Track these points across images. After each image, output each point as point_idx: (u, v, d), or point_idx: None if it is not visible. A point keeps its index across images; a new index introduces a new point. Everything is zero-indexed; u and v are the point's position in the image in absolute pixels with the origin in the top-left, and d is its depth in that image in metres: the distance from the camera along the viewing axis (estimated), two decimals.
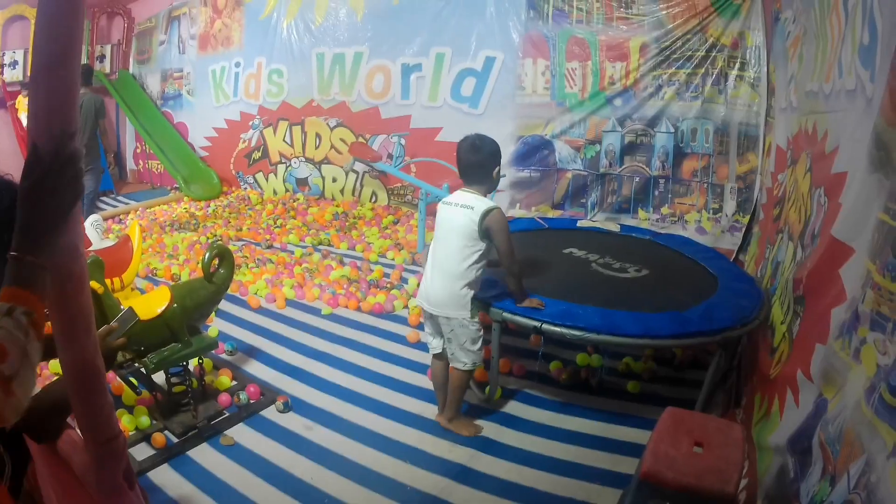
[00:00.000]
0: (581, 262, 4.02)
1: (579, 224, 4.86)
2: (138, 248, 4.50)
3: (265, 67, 8.34)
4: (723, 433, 2.19)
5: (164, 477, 3.03)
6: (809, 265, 2.52)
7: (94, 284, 2.73)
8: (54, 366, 3.73)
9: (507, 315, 3.21)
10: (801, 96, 3.47)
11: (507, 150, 6.10)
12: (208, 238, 6.65)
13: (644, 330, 3.05)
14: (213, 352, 3.81)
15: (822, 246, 2.40)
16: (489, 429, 3.44)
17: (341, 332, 4.55)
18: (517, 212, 6.21)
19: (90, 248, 5.02)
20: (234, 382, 3.82)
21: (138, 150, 10.33)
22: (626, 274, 3.84)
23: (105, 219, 7.65)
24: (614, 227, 4.72)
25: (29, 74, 8.11)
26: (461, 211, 3.03)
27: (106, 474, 1.48)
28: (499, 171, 3.16)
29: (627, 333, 3.05)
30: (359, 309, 4.88)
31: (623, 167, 5.98)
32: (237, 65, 8.73)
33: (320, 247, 6.33)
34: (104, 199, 9.13)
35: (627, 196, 6.01)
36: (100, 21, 10.62)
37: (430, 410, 3.59)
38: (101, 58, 10.47)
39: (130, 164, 10.70)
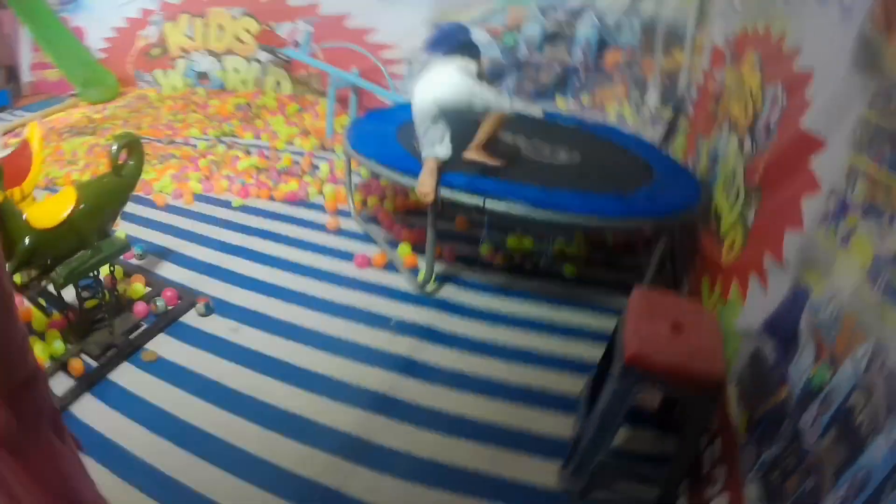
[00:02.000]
0: (509, 147, 3.93)
1: None
2: (38, 153, 4.01)
3: None
4: (696, 314, 2.26)
5: (88, 409, 2.77)
6: (768, 157, 2.64)
7: None
8: None
9: (445, 193, 3.17)
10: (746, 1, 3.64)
11: (419, 36, 5.70)
12: (107, 140, 6.13)
13: (592, 208, 3.12)
14: (121, 258, 3.60)
15: (784, 138, 2.52)
16: (428, 317, 3.38)
17: (256, 223, 4.41)
18: None
19: None
20: (149, 289, 3.58)
21: (34, 61, 9.58)
22: (559, 160, 3.83)
23: (1, 133, 7.19)
24: (537, 112, 4.64)
25: None
26: None
27: (27, 426, 1.21)
28: None
29: (576, 211, 3.10)
30: (271, 198, 4.76)
31: (543, 56, 5.76)
32: None
33: (224, 138, 6.08)
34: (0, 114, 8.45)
35: (546, 84, 5.82)
36: None
37: (362, 301, 3.51)
38: None
39: (27, 75, 9.91)
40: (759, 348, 2.18)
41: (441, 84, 3.36)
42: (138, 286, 3.52)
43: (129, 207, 4.37)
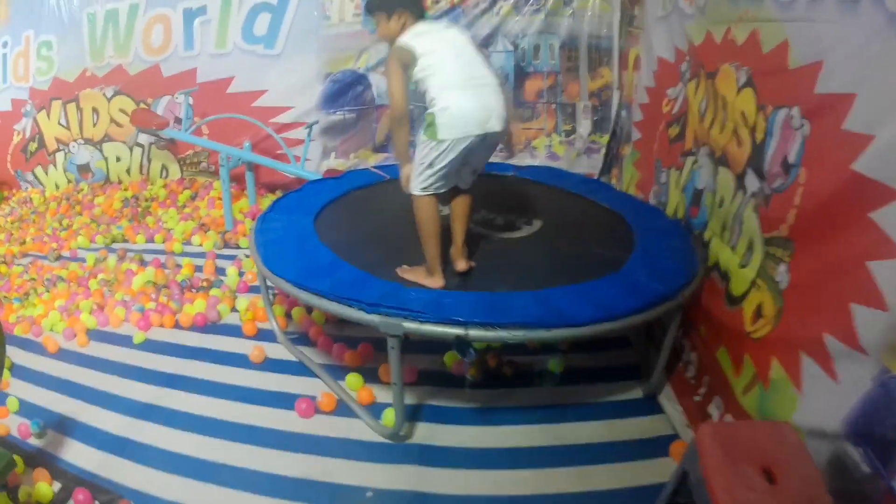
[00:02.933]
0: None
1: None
2: None
3: (33, 41, 7.00)
4: (779, 441, 1.87)
5: None
6: (799, 202, 2.22)
7: None
8: None
9: (410, 325, 2.44)
10: (713, 1, 3.14)
11: (314, 92, 5.43)
12: None
13: (597, 310, 2.48)
14: (19, 438, 3.07)
15: (820, 180, 2.12)
16: (411, 477, 2.65)
17: (164, 365, 3.57)
18: (333, 162, 5.45)
19: None
20: (57, 487, 2.78)
21: None
22: (520, 231, 3.32)
23: None
24: None
25: None
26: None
27: None
28: None
29: (581, 320, 2.45)
30: (176, 325, 3.95)
31: None
32: (5, 44, 7.31)
33: (114, 245, 5.35)
34: None
35: None
36: None
37: (318, 469, 2.73)
38: None
39: None
40: (843, 454, 1.84)
41: None
42: (44, 487, 2.75)
43: (21, 357, 3.83)
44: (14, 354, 3.74)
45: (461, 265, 2.86)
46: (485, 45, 5.12)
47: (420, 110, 5.11)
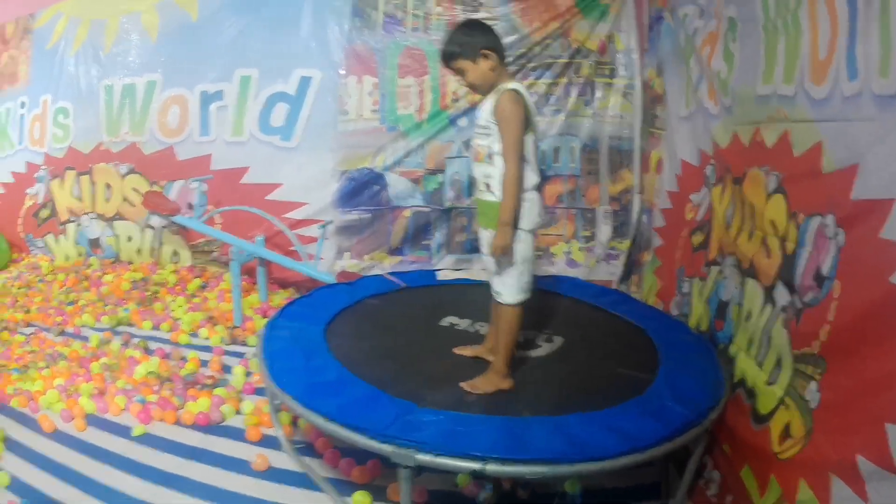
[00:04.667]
0: (473, 340, 3.27)
1: (440, 277, 4.33)
2: None
3: (50, 107, 7.08)
4: None
5: None
6: (833, 317, 2.13)
7: None
8: None
9: (424, 457, 2.33)
10: (740, 100, 3.03)
11: (329, 190, 5.33)
12: None
13: (623, 441, 2.38)
14: None
15: (855, 293, 2.04)
16: None
17: (163, 463, 3.43)
18: (347, 263, 5.36)
19: None
20: None
21: None
22: (539, 349, 3.22)
23: None
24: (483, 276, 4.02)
25: None
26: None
27: None
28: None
29: (606, 453, 2.35)
30: (178, 422, 3.80)
31: (471, 198, 5.06)
32: (22, 105, 7.42)
33: (119, 328, 5.22)
34: None
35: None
36: None
37: None
38: None
39: None
40: None
41: None
42: None
43: (16, 432, 3.73)
44: (9, 427, 3.68)
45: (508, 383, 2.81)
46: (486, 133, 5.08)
47: (439, 214, 5.18)
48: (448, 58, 2.70)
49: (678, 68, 4.05)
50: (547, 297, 3.86)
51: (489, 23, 4.79)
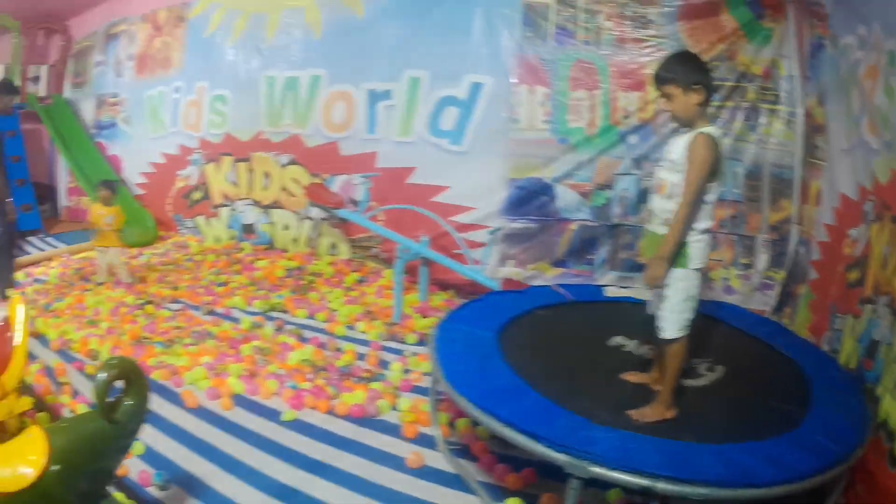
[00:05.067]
0: (639, 363, 3.36)
1: (607, 293, 4.35)
2: (24, 339, 3.43)
3: (207, 93, 7.44)
4: None
5: None
6: None
7: None
8: None
9: (598, 469, 2.45)
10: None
11: (498, 197, 5.48)
12: (137, 300, 5.70)
13: (779, 471, 2.48)
14: (140, 485, 3.08)
15: None
16: None
17: (312, 450, 3.52)
18: (509, 271, 5.45)
19: None
20: None
21: (72, 185, 9.39)
22: (701, 378, 3.27)
23: (24, 265, 6.93)
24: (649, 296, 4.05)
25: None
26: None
27: None
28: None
29: (764, 481, 2.44)
30: (331, 412, 3.88)
31: (638, 217, 5.17)
32: (177, 90, 7.82)
33: (272, 314, 5.40)
34: (31, 239, 8.24)
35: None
36: (36, 38, 9.78)
37: None
38: (36, 79, 9.69)
39: (64, 200, 9.75)
40: None
41: None
42: None
43: (154, 404, 3.69)
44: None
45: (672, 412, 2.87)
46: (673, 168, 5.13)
47: (604, 229, 5.27)
48: (660, 81, 2.76)
49: (840, 99, 3.95)
50: (710, 323, 3.85)
51: (657, 42, 5.01)
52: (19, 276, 6.51)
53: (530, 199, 5.45)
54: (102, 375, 2.43)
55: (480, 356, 3.29)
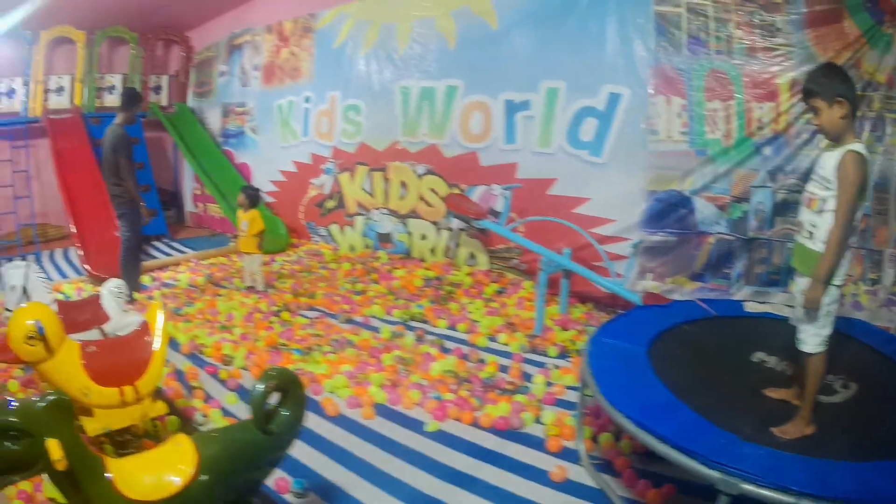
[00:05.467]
0: (781, 379, 3.62)
1: (747, 308, 4.61)
2: (163, 344, 3.94)
3: (340, 103, 8.59)
4: None
5: None
6: None
7: (52, 446, 2.20)
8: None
9: (749, 487, 2.71)
10: None
11: (638, 209, 6.03)
12: (272, 308, 6.58)
13: None
14: (276, 492, 3.45)
15: None
16: None
17: (455, 462, 3.89)
18: (648, 283, 6.03)
19: (105, 327, 4.98)
20: None
21: (197, 192, 10.89)
22: (836, 395, 3.49)
23: (151, 269, 8.07)
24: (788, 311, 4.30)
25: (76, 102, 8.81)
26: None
27: None
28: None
29: None
30: (475, 423, 4.32)
31: (774, 230, 5.70)
32: (307, 100, 9.04)
33: (412, 323, 6.13)
34: (157, 243, 9.54)
35: (778, 266, 5.74)
36: (155, 49, 11.37)
37: None
38: (157, 89, 11.31)
39: (189, 205, 11.29)
40: None
41: None
42: None
43: None
44: None
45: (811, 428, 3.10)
46: (802, 179, 5.32)
47: (740, 242, 5.92)
48: (807, 94, 3.02)
49: None
50: (842, 340, 3.81)
51: (786, 51, 5.44)
52: (145, 279, 7.69)
53: (669, 211, 5.97)
54: (261, 387, 2.69)
55: (633, 371, 3.60)
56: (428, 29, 7.73)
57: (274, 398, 2.85)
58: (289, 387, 2.87)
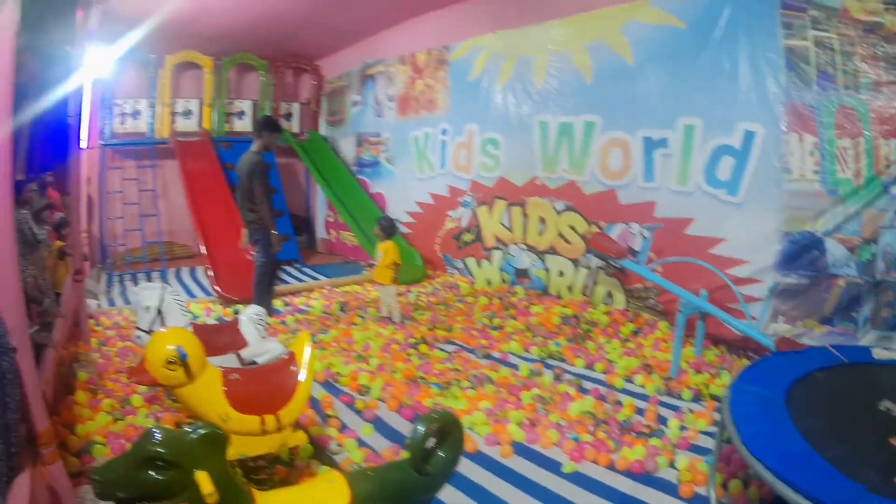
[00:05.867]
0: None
1: (876, 356, 4.81)
2: (309, 376, 4.34)
3: (477, 136, 9.77)
4: None
5: None
6: None
7: (202, 480, 2.46)
8: None
9: None
10: None
11: (772, 250, 6.49)
12: (409, 340, 7.32)
13: None
14: None
15: None
16: None
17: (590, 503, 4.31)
18: (780, 327, 6.46)
19: (243, 353, 5.67)
20: None
21: (330, 219, 12.39)
22: None
23: (284, 294, 9.14)
24: None
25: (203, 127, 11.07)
26: None
27: None
28: None
29: None
30: (611, 465, 4.73)
31: None
32: (444, 132, 10.29)
33: (550, 361, 6.75)
34: (289, 268, 10.73)
35: None
36: (285, 76, 13.14)
37: None
38: (288, 116, 13.02)
39: (321, 232, 12.79)
40: None
41: None
42: None
43: None
44: None
45: None
46: None
47: (868, 285, 6.66)
48: None
49: None
50: None
51: None
52: (278, 303, 8.72)
53: (802, 253, 6.42)
54: (422, 428, 2.95)
55: (771, 418, 3.86)
56: (565, 63, 8.67)
57: (431, 439, 3.13)
58: (450, 430, 3.17)
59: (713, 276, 6.48)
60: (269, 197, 7.83)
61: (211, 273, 9.80)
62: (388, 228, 8.20)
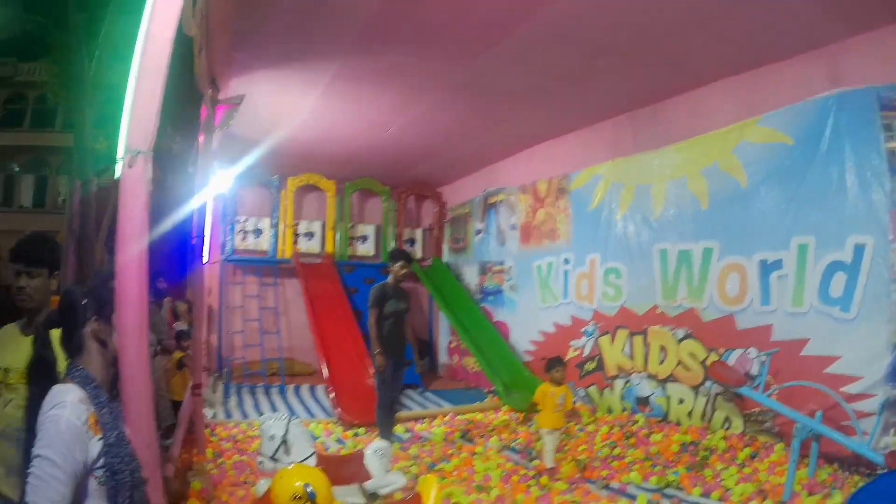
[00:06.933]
0: None
1: None
2: None
3: (599, 266, 10.06)
4: None
5: None
6: None
7: None
8: None
9: None
10: None
11: (883, 363, 6.58)
12: (529, 472, 7.57)
13: None
14: None
15: None
16: None
17: None
18: (892, 440, 6.48)
19: (367, 485, 5.82)
20: None
21: (452, 345, 12.74)
22: None
23: (407, 420, 9.39)
24: None
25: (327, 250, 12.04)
26: None
27: None
28: None
29: None
30: None
31: None
32: (566, 261, 10.64)
33: (668, 491, 6.84)
34: (410, 392, 11.00)
35: None
36: (407, 202, 13.86)
37: None
38: (411, 241, 13.69)
39: (443, 357, 13.15)
40: None
41: None
42: None
43: None
44: None
45: None
46: None
47: None
48: None
49: None
50: None
51: None
52: (398, 429, 8.93)
53: None
54: None
55: None
56: (681, 189, 8.97)
57: None
58: None
59: (828, 396, 6.53)
60: (380, 323, 8.38)
61: (332, 394, 10.18)
62: (562, 372, 7.89)
